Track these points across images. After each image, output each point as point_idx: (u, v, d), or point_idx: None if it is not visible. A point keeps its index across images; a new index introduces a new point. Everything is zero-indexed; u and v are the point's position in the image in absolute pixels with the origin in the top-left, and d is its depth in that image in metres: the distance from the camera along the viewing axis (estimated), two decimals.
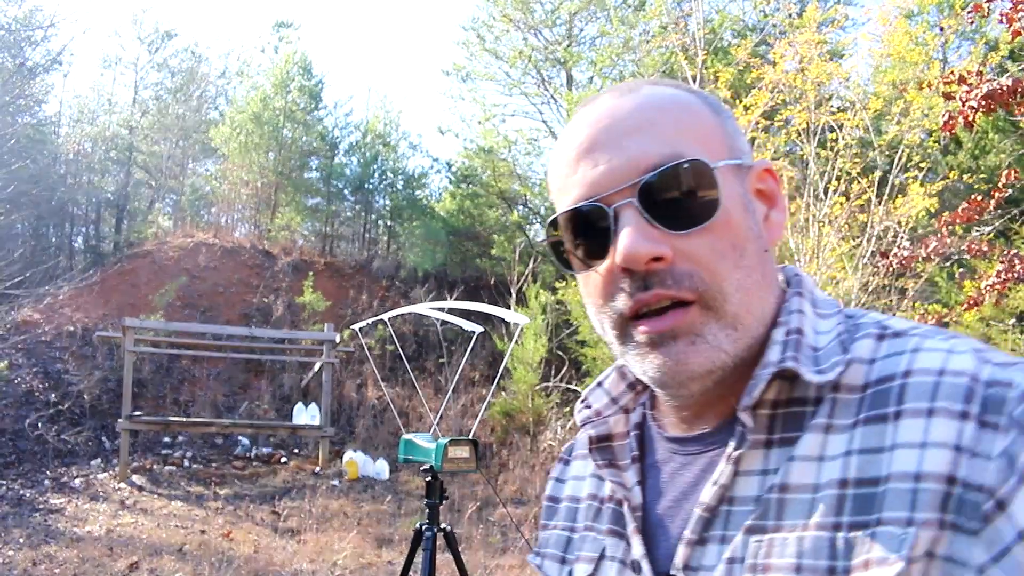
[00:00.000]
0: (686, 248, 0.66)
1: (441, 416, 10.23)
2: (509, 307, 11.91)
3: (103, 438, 10.76)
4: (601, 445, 0.80)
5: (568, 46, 17.07)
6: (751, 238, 0.70)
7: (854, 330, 0.69)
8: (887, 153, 8.93)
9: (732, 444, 0.67)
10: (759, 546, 0.63)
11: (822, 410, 0.65)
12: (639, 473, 0.77)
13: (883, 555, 0.58)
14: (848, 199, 8.34)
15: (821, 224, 8.27)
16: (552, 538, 0.86)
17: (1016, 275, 6.08)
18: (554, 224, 0.73)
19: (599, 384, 0.84)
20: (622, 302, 0.68)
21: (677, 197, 0.67)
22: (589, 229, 0.69)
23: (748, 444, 0.67)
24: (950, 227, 6.68)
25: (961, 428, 0.59)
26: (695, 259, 0.66)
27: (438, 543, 3.97)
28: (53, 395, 11.04)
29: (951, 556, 0.57)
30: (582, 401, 0.84)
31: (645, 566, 0.71)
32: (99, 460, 10.21)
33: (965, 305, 6.65)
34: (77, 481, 9.48)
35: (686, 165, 0.67)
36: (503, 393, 11.92)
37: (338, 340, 11.35)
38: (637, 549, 0.72)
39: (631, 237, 0.65)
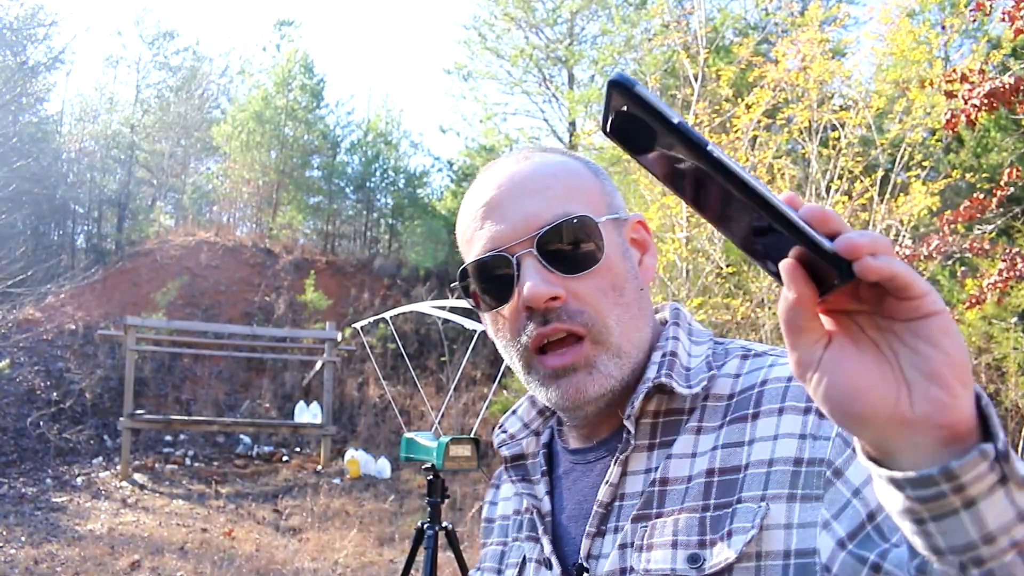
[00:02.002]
0: (576, 289, 0.80)
1: (443, 415, 10.23)
2: None
3: (105, 436, 10.78)
4: (515, 464, 0.94)
5: (569, 44, 17.05)
6: (629, 279, 0.84)
7: (722, 353, 0.85)
8: (889, 152, 8.91)
9: (619, 449, 0.81)
10: (644, 530, 0.77)
11: (694, 416, 0.81)
12: (548, 484, 0.90)
13: (741, 525, 0.72)
14: (850, 198, 8.33)
15: None
16: (489, 553, 0.98)
17: (1018, 273, 6.06)
18: (464, 273, 0.85)
19: (513, 412, 0.98)
20: (526, 337, 0.81)
21: (568, 247, 0.80)
22: (495, 276, 0.82)
23: (632, 448, 0.81)
24: (952, 225, 6.66)
25: (805, 420, 0.74)
26: (584, 298, 0.80)
27: (440, 542, 3.97)
28: (55, 393, 11.06)
29: (804, 522, 0.70)
30: (499, 427, 0.97)
31: (554, 561, 0.84)
32: (101, 458, 10.22)
33: (967, 304, 6.64)
34: (79, 479, 9.49)
35: (575, 220, 0.80)
36: (504, 392, 11.91)
37: (339, 339, 11.35)
38: (547, 548, 0.85)
39: (532, 280, 0.79)
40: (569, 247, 0.80)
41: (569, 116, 17.00)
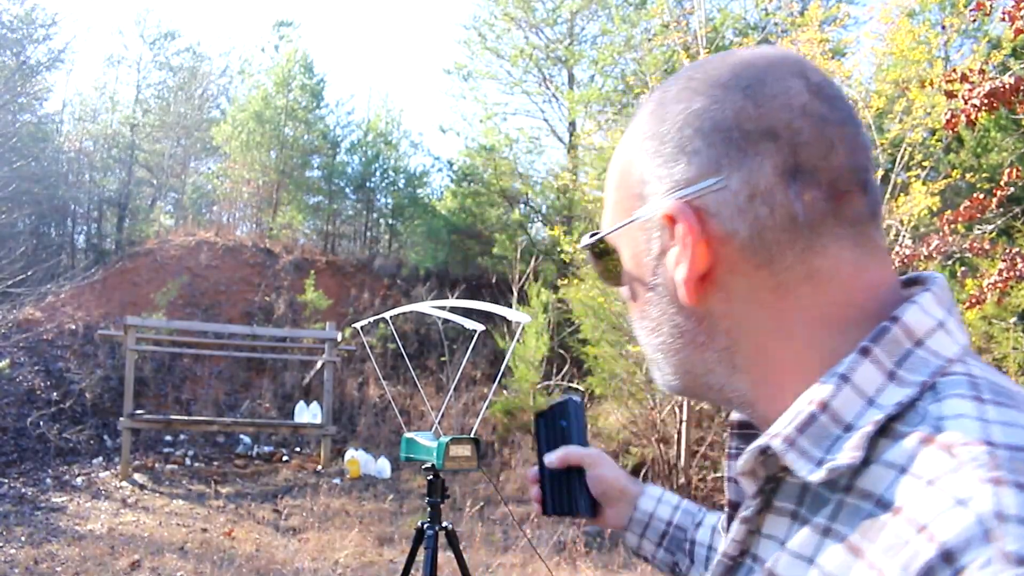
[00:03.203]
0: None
1: (443, 414, 10.24)
2: (511, 305, 11.91)
3: (105, 436, 10.78)
4: (741, 431, 0.75)
5: (569, 44, 17.05)
6: (657, 297, 0.64)
7: (922, 415, 0.51)
8: (889, 151, 8.92)
9: (743, 505, 0.62)
10: None
11: (827, 509, 0.53)
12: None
13: None
14: None
15: None
16: None
17: (1018, 273, 6.06)
18: None
19: None
20: None
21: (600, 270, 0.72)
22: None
23: (752, 509, 0.60)
24: (952, 225, 6.66)
25: None
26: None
27: (440, 542, 3.97)
28: (55, 393, 11.06)
29: None
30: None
31: None
32: (101, 458, 10.23)
33: (967, 304, 6.64)
34: (79, 479, 9.49)
35: (595, 238, 0.69)
36: (504, 391, 11.92)
37: (340, 338, 11.36)
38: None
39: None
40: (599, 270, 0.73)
41: (569, 116, 17.01)
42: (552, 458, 1.02)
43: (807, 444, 0.54)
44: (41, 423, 10.41)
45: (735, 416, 0.72)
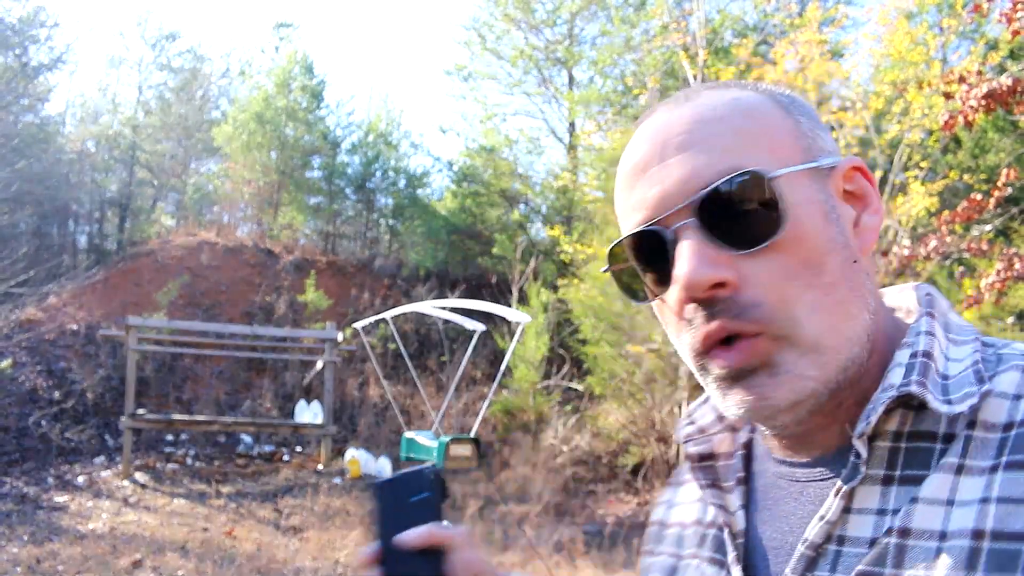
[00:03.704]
0: (751, 272, 0.61)
1: (443, 414, 10.26)
2: (510, 306, 11.94)
3: (106, 436, 10.81)
4: (703, 464, 0.74)
5: (569, 45, 17.08)
6: (833, 250, 0.62)
7: (995, 360, 0.61)
8: (887, 152, 8.95)
9: (842, 476, 0.61)
10: None
11: (954, 448, 0.58)
12: (743, 496, 0.71)
13: None
14: None
15: None
16: (656, 565, 0.81)
17: (1016, 274, 6.09)
18: (612, 254, 0.69)
19: (706, 400, 0.76)
20: (691, 336, 0.63)
21: (737, 214, 0.61)
22: (652, 255, 0.64)
23: (861, 478, 0.60)
24: (950, 226, 6.70)
25: None
26: (762, 285, 0.61)
27: None
28: (57, 393, 11.09)
29: None
30: (687, 417, 0.78)
31: None
32: (102, 458, 10.26)
33: (965, 304, 6.67)
34: (80, 479, 9.52)
35: (742, 178, 0.61)
36: (504, 391, 11.94)
37: (340, 338, 11.38)
38: None
39: (691, 262, 0.60)
40: (739, 213, 0.61)
41: (569, 116, 17.05)
42: (414, 535, 0.79)
43: (932, 388, 0.60)
44: (43, 423, 10.44)
45: (694, 449, 0.74)
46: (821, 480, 0.65)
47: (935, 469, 0.58)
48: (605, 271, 0.71)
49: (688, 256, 0.61)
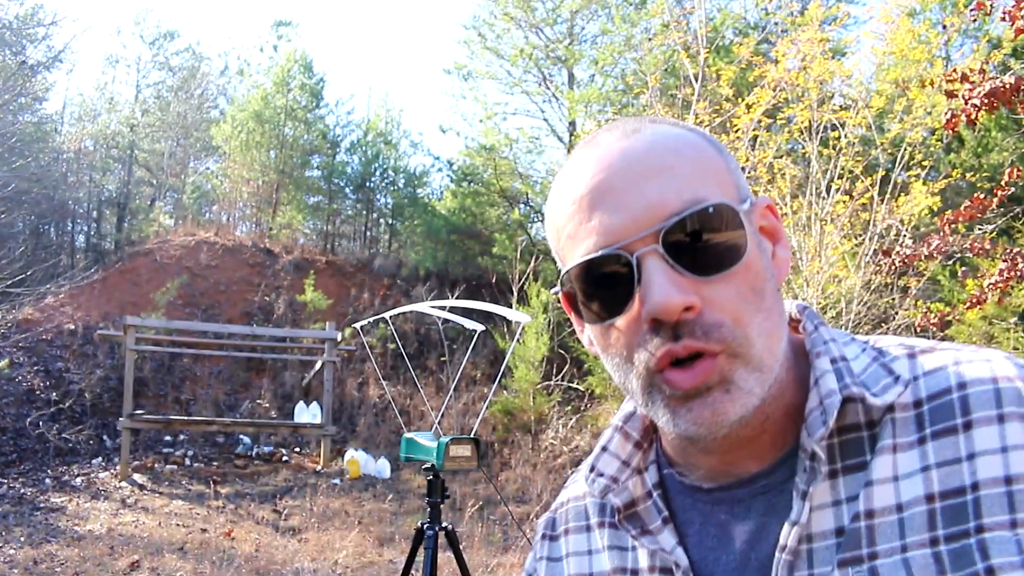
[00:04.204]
0: (712, 296, 0.65)
1: (443, 415, 10.23)
2: (510, 305, 11.90)
3: (104, 437, 10.77)
4: (628, 513, 0.76)
5: (569, 44, 17.04)
6: (768, 278, 0.69)
7: (884, 353, 0.71)
8: (889, 151, 8.91)
9: (801, 480, 0.67)
10: None
11: (884, 431, 0.66)
12: (675, 534, 0.74)
13: (1005, 560, 0.59)
14: (851, 197, 8.33)
15: (823, 222, 8.26)
16: None
17: (1019, 273, 6.05)
18: (566, 277, 0.70)
19: (604, 449, 0.80)
20: (646, 356, 0.66)
21: (702, 243, 0.65)
22: (608, 280, 0.67)
23: (821, 477, 0.66)
24: (952, 225, 6.65)
25: None
26: (722, 307, 0.65)
27: (440, 542, 3.96)
28: (54, 394, 11.05)
29: None
30: (591, 470, 0.80)
31: None
32: (100, 459, 10.22)
33: (967, 303, 6.63)
34: (78, 480, 9.48)
35: (711, 210, 0.65)
36: (504, 391, 11.91)
37: (339, 338, 11.35)
38: None
39: (663, 287, 0.63)
40: (704, 242, 0.65)
41: (569, 116, 17.00)
42: None
43: (868, 383, 0.68)
44: (40, 423, 10.40)
45: (617, 500, 0.77)
46: (767, 492, 0.70)
47: (876, 454, 0.65)
48: (555, 293, 0.74)
49: (660, 281, 0.64)
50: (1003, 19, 5.82)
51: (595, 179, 0.68)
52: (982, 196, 6.56)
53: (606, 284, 0.67)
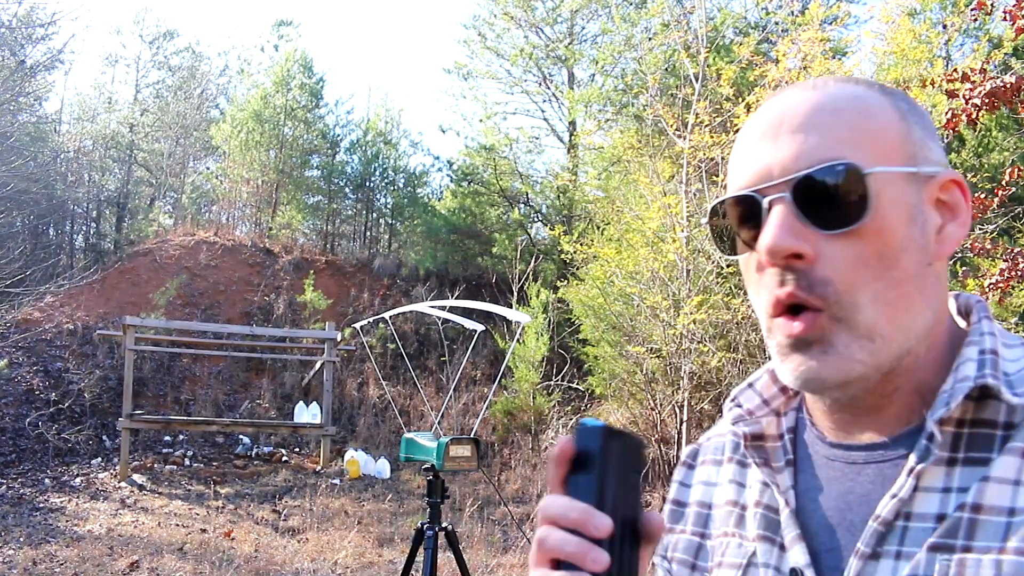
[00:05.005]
0: (829, 251, 0.67)
1: (442, 415, 10.22)
2: (510, 306, 11.89)
3: (104, 437, 10.75)
4: (755, 444, 0.79)
5: (569, 44, 17.04)
6: (908, 249, 0.69)
7: None
8: None
9: (914, 457, 0.67)
10: (947, 565, 0.63)
11: (1019, 434, 0.65)
12: (793, 477, 0.77)
13: None
14: None
15: None
16: (681, 542, 0.85)
17: (1020, 273, 6.04)
18: (714, 210, 0.76)
19: (750, 385, 0.84)
20: (764, 298, 0.71)
21: (828, 198, 0.67)
22: (747, 217, 0.72)
23: (933, 459, 0.66)
24: None
25: None
26: (835, 266, 0.67)
27: (439, 542, 3.95)
28: (53, 394, 11.03)
29: None
30: (732, 400, 0.83)
31: (810, 574, 0.70)
32: (100, 459, 10.20)
33: None
34: (78, 480, 9.47)
35: (840, 168, 0.68)
36: (504, 392, 11.90)
37: (339, 338, 11.34)
38: (799, 557, 0.71)
39: (776, 230, 0.68)
40: (829, 197, 0.67)
41: (569, 115, 17.00)
42: (656, 520, 0.63)
43: (1015, 383, 0.67)
44: (40, 423, 10.39)
45: (745, 429, 0.79)
46: (882, 461, 0.71)
47: (1003, 452, 0.65)
48: (704, 223, 0.81)
49: (776, 224, 0.68)
50: (1004, 18, 5.81)
51: (761, 123, 0.74)
52: (983, 196, 6.55)
53: (745, 220, 0.72)
